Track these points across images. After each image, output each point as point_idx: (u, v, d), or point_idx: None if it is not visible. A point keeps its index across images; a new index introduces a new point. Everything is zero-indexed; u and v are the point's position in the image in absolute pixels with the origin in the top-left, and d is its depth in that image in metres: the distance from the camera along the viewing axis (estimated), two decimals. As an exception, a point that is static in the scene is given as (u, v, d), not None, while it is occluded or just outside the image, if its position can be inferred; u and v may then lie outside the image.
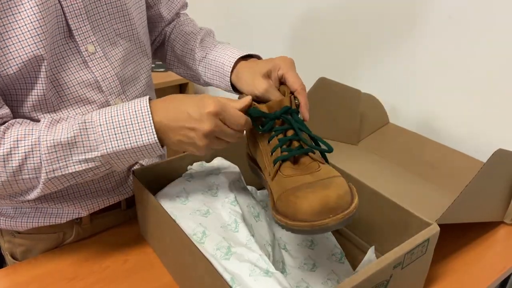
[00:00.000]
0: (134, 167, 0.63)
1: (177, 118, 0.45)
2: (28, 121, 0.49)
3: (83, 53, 0.53)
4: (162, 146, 0.48)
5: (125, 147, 0.46)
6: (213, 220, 0.50)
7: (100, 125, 0.46)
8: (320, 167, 0.45)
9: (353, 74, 1.01)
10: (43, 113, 0.52)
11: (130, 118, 0.45)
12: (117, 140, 0.45)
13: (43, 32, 0.47)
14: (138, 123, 0.45)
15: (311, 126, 0.50)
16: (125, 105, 0.47)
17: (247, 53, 0.61)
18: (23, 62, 0.46)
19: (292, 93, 0.51)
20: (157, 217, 0.54)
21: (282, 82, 0.53)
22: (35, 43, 0.46)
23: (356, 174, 0.59)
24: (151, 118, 0.45)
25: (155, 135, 0.45)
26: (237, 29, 1.36)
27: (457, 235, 0.64)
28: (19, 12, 0.46)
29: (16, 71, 0.47)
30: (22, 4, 0.46)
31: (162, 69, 1.60)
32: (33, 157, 0.46)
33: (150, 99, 0.47)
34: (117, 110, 0.46)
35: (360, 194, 0.57)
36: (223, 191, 0.55)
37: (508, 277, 0.68)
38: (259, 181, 0.53)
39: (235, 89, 0.61)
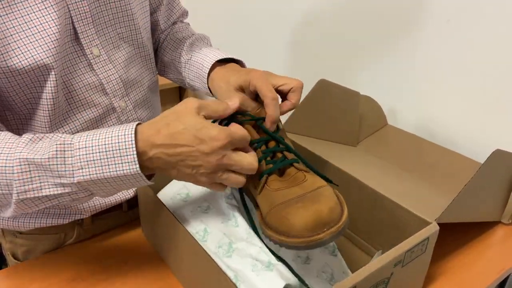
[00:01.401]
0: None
1: (177, 152, 0.41)
2: (9, 134, 0.45)
3: (89, 55, 0.53)
4: (150, 178, 0.44)
5: (104, 176, 0.41)
6: (213, 216, 0.50)
7: (79, 148, 0.41)
8: (306, 177, 0.44)
9: (352, 77, 1.02)
10: (55, 118, 0.52)
11: (112, 144, 0.41)
12: (95, 166, 0.41)
13: (57, 39, 0.47)
14: (119, 149, 0.40)
15: (312, 127, 0.50)
16: (109, 129, 0.42)
17: (226, 57, 0.60)
18: (30, 64, 0.47)
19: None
20: (160, 216, 0.54)
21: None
22: (44, 51, 0.47)
23: (355, 174, 0.60)
24: (134, 146, 0.40)
25: (137, 166, 0.40)
26: (237, 32, 1.37)
27: (455, 235, 0.64)
28: (35, 16, 0.46)
29: (22, 69, 0.47)
30: (36, 9, 0.46)
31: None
32: (5, 173, 0.41)
33: (139, 124, 0.43)
34: (99, 135, 0.42)
35: (361, 194, 0.58)
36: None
37: (507, 278, 0.68)
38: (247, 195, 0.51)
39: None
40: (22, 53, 0.46)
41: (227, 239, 0.47)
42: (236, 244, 0.46)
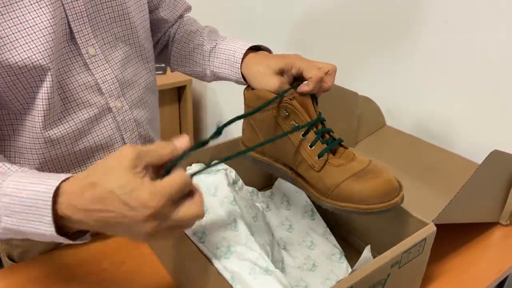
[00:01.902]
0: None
1: (103, 217, 0.36)
2: None
3: (84, 55, 0.53)
4: (85, 234, 0.40)
5: (25, 230, 0.38)
6: (212, 219, 0.50)
7: (5, 195, 0.39)
8: (355, 154, 0.51)
9: (351, 77, 1.01)
10: (50, 118, 0.52)
11: (33, 199, 0.37)
12: (18, 219, 0.38)
13: (53, 39, 0.47)
14: (38, 207, 0.37)
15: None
16: (40, 178, 0.39)
17: (257, 44, 0.61)
18: (26, 65, 0.47)
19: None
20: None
21: (297, 78, 0.54)
22: (40, 52, 0.47)
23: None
24: (49, 209, 0.37)
25: (53, 228, 0.37)
26: (235, 32, 1.37)
27: (453, 236, 0.64)
28: (30, 17, 0.46)
29: (18, 70, 0.47)
30: (31, 10, 0.46)
31: (160, 72, 1.60)
32: None
33: (65, 180, 0.38)
34: (24, 183, 0.39)
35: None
36: (222, 190, 0.55)
37: (505, 279, 0.68)
38: (277, 175, 0.56)
39: (244, 79, 0.60)
40: (18, 54, 0.46)
41: (226, 242, 0.47)
42: (235, 248, 0.46)
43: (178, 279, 0.54)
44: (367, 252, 0.49)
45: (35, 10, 0.46)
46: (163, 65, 1.72)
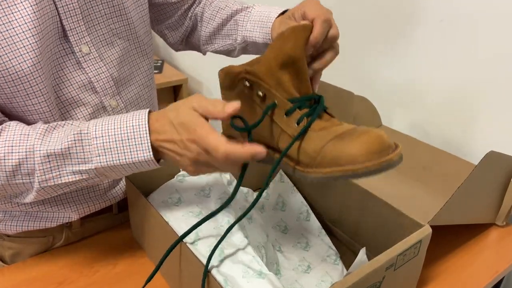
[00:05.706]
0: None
1: (169, 139, 0.44)
2: (23, 124, 0.48)
3: (77, 53, 0.52)
4: (159, 161, 0.47)
5: (120, 162, 0.45)
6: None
7: (96, 137, 0.45)
8: (341, 122, 0.44)
9: (346, 76, 1.01)
10: (51, 119, 0.51)
11: (127, 133, 0.45)
12: (111, 154, 0.45)
13: (40, 39, 0.46)
14: (134, 138, 0.44)
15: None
16: (123, 117, 0.46)
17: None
18: (12, 79, 0.46)
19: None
20: (150, 219, 0.54)
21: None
22: (30, 51, 0.46)
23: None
24: (148, 135, 0.44)
25: (151, 153, 0.44)
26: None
27: (449, 238, 0.64)
28: (14, 17, 0.45)
29: (9, 70, 0.46)
30: (18, 11, 0.45)
31: (156, 71, 1.60)
32: (27, 163, 0.45)
33: (150, 112, 0.46)
34: (114, 123, 0.45)
35: (353, 196, 0.58)
36: (215, 192, 0.55)
37: (501, 280, 0.68)
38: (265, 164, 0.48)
39: None
40: (3, 62, 0.45)
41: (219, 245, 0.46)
42: (229, 250, 0.46)
43: (172, 282, 0.53)
44: (362, 254, 0.48)
45: (20, 16, 0.45)
46: (159, 63, 1.71)
